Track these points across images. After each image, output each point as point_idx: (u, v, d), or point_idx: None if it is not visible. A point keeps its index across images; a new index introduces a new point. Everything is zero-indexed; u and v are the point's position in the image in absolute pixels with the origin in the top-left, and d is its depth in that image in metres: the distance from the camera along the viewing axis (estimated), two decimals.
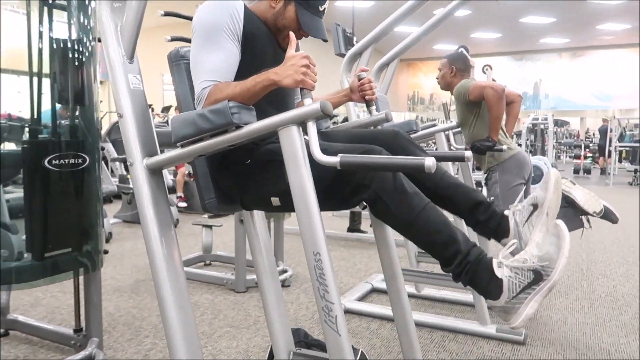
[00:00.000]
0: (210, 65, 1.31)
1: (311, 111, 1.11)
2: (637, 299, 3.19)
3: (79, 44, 2.06)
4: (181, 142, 1.26)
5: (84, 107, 2.10)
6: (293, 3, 1.42)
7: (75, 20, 2.06)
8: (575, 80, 19.63)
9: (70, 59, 2.04)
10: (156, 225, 1.31)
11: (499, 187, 2.68)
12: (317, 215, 1.15)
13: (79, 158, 2.03)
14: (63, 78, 2.03)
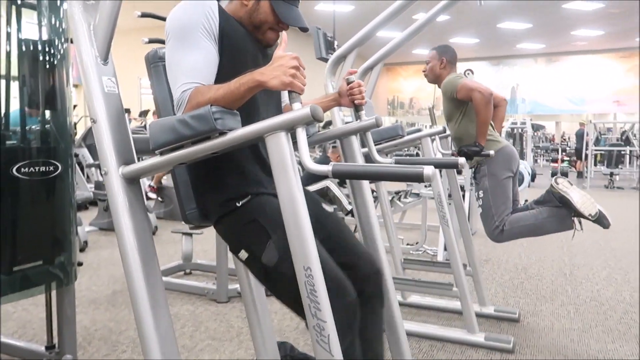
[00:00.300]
0: (188, 66, 1.23)
1: (301, 116, 1.04)
2: (622, 303, 3.19)
3: (49, 45, 1.95)
4: (160, 150, 1.17)
5: (56, 112, 1.99)
6: None
7: (46, 20, 1.95)
8: (550, 85, 19.97)
9: (40, 61, 1.92)
10: (133, 238, 1.22)
11: (488, 181, 2.65)
12: (308, 227, 1.08)
13: (50, 165, 1.91)
14: (33, 81, 1.92)
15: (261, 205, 1.32)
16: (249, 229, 1.30)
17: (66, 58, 2.01)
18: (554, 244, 4.87)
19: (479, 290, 2.97)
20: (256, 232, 1.28)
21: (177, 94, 1.22)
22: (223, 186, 1.35)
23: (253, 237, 1.29)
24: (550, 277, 3.76)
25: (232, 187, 1.35)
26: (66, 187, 2.00)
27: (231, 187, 1.35)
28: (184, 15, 1.27)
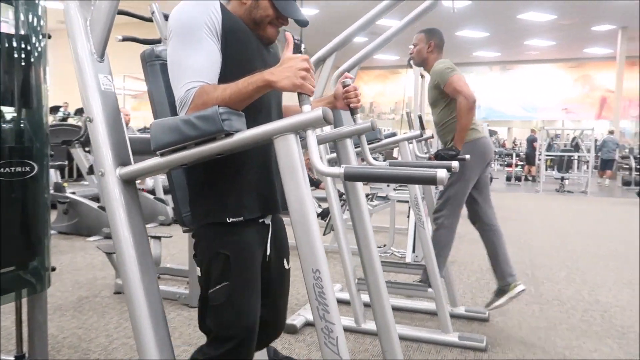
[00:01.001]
0: (192, 66, 1.21)
1: (312, 118, 1.04)
2: (581, 302, 3.35)
3: (26, 42, 1.87)
4: (162, 150, 1.14)
5: (31, 110, 1.90)
6: None
7: (22, 17, 1.86)
8: (504, 92, 20.73)
9: (16, 58, 1.84)
10: (131, 241, 1.19)
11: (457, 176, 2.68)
12: (316, 230, 1.08)
13: (26, 166, 1.83)
14: (8, 78, 1.83)
15: (240, 246, 1.32)
16: (219, 259, 1.30)
17: (43, 55, 1.93)
18: (515, 245, 5.06)
19: (450, 291, 3.04)
20: (221, 267, 1.30)
21: (181, 93, 1.20)
22: (220, 194, 1.32)
23: (216, 269, 1.30)
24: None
25: (230, 198, 1.31)
26: (41, 188, 1.92)
27: (228, 198, 1.31)
28: (187, 14, 1.24)
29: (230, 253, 1.30)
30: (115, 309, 3.02)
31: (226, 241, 1.31)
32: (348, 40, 2.77)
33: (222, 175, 1.30)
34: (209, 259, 1.32)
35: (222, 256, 1.30)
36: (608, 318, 3.03)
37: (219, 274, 1.30)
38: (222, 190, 1.31)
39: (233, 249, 1.30)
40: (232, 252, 1.30)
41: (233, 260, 1.30)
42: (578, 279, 3.90)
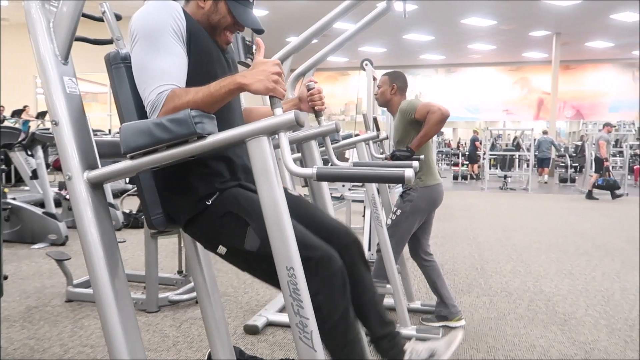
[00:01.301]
0: (161, 69, 1.21)
1: (284, 121, 1.08)
2: (527, 292, 3.55)
3: None
4: (132, 154, 1.14)
5: None
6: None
7: None
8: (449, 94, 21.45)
9: None
10: (100, 246, 1.17)
11: (410, 208, 2.79)
12: (290, 229, 1.12)
13: None
14: None
15: (232, 197, 1.33)
16: (225, 222, 1.30)
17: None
18: (464, 242, 5.28)
19: (407, 287, 3.15)
20: (233, 224, 1.29)
21: (152, 96, 1.20)
22: (190, 188, 1.34)
23: (230, 229, 1.29)
24: (464, 272, 4.08)
25: (199, 188, 1.34)
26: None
27: (198, 188, 1.34)
28: (152, 17, 1.24)
29: (228, 209, 1.31)
30: (69, 317, 2.92)
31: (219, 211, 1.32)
32: (305, 43, 2.82)
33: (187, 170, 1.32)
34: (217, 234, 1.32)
35: (225, 219, 1.30)
36: (551, 306, 3.23)
37: (235, 229, 1.29)
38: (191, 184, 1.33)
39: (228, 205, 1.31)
40: (230, 207, 1.31)
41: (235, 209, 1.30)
42: (523, 271, 4.12)
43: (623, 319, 3.01)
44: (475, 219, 6.87)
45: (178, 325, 2.81)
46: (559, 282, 3.80)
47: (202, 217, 1.33)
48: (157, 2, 1.29)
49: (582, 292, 3.56)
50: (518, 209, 8.02)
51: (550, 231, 6.01)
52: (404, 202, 2.84)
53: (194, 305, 3.12)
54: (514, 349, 2.56)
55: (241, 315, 2.99)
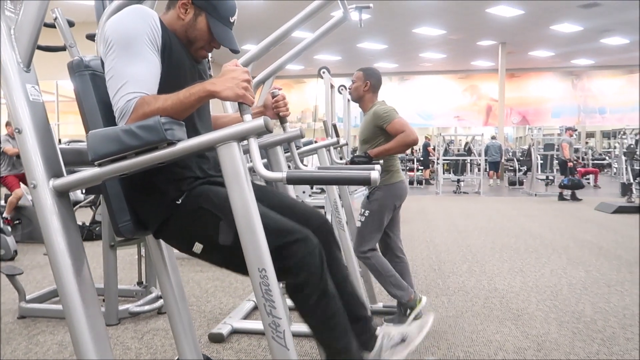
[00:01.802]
0: (133, 76, 1.21)
1: (254, 127, 1.11)
2: (482, 291, 3.70)
3: None
4: (100, 161, 1.14)
5: None
6: (204, 14, 1.39)
7: None
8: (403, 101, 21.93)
9: None
10: (67, 254, 1.16)
11: (377, 206, 2.88)
12: (261, 231, 1.14)
13: None
14: None
15: (201, 193, 1.34)
16: (196, 219, 1.31)
17: None
18: (422, 244, 5.43)
19: (369, 289, 3.22)
20: (204, 219, 1.30)
21: (121, 103, 1.20)
22: (159, 192, 1.34)
23: (203, 225, 1.30)
24: (423, 273, 4.20)
25: (169, 190, 1.34)
26: None
27: (168, 191, 1.34)
28: (128, 25, 1.25)
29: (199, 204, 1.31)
30: (22, 334, 2.80)
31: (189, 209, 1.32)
32: (264, 51, 2.85)
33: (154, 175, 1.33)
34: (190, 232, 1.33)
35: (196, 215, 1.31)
36: (505, 303, 3.38)
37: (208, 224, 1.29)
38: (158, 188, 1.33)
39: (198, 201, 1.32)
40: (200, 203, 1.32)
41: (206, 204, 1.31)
42: (478, 270, 4.28)
43: (570, 312, 3.19)
44: (431, 221, 7.07)
45: (140, 337, 2.76)
46: (512, 280, 3.97)
47: (174, 219, 1.34)
48: (133, 8, 1.29)
49: (533, 288, 3.74)
50: (471, 212, 8.31)
51: (502, 231, 6.27)
52: (370, 202, 2.92)
53: (155, 317, 3.07)
54: (472, 345, 2.67)
55: (205, 324, 2.97)
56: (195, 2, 1.37)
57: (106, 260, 2.97)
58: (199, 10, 1.38)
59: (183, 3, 1.38)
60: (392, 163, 2.95)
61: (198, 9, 1.38)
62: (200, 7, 1.38)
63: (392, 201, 2.92)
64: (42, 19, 1.19)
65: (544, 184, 12.27)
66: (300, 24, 2.75)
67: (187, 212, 1.33)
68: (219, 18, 1.40)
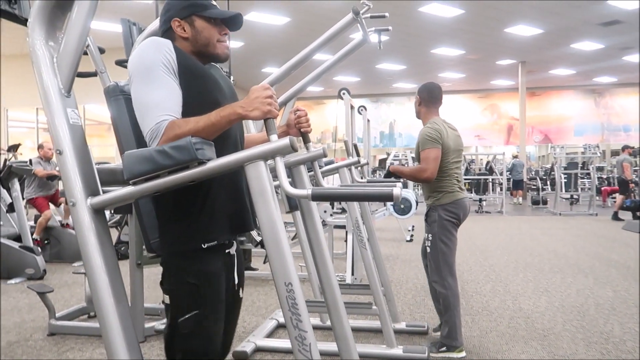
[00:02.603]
0: (157, 101, 1.28)
1: (280, 147, 1.16)
2: (507, 311, 3.65)
3: None
4: (135, 180, 1.20)
5: None
6: (195, 17, 1.45)
7: None
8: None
9: None
10: (104, 270, 1.22)
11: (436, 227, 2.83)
12: (287, 246, 1.18)
13: None
14: None
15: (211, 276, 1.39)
16: (187, 288, 1.36)
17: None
18: None
19: (392, 308, 3.21)
20: (192, 296, 1.36)
21: (152, 125, 1.27)
22: (190, 220, 1.37)
23: (186, 298, 1.37)
24: None
25: (200, 224, 1.38)
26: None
27: (199, 224, 1.38)
28: (144, 55, 1.33)
29: (199, 282, 1.36)
30: (52, 350, 2.87)
31: (194, 270, 1.37)
32: (286, 74, 2.94)
33: (191, 201, 1.37)
34: (177, 288, 1.38)
35: (191, 285, 1.36)
36: (531, 323, 3.33)
37: (188, 303, 1.36)
38: (191, 217, 1.37)
39: (202, 279, 1.36)
40: (201, 282, 1.36)
41: (202, 289, 1.36)
42: (502, 290, 4.23)
43: (599, 332, 3.12)
44: None
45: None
46: (537, 300, 3.91)
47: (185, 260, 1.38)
48: (148, 41, 1.37)
49: (559, 308, 3.67)
50: (494, 231, 8.21)
51: (526, 251, 6.18)
52: (429, 225, 2.88)
53: None
54: None
55: None
56: (180, 16, 1.45)
57: (133, 278, 3.04)
58: (189, 19, 1.45)
59: (176, 26, 1.45)
60: (442, 184, 2.86)
61: (188, 18, 1.45)
62: (189, 15, 1.45)
63: (450, 219, 2.84)
64: (82, 48, 1.28)
65: (569, 203, 12.07)
66: (320, 47, 2.83)
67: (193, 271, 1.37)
68: (206, 9, 1.46)
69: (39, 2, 1.25)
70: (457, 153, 2.94)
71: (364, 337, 3.08)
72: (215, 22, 1.46)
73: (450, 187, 2.87)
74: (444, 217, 2.82)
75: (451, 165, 2.88)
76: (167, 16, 1.46)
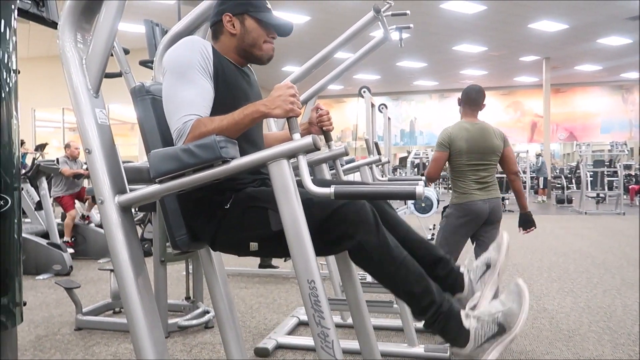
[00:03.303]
0: (187, 100, 1.32)
1: (303, 145, 1.17)
2: (531, 310, 3.60)
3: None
4: (161, 178, 1.23)
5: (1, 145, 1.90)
6: (247, 16, 1.48)
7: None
8: (443, 119, 21.73)
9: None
10: (131, 266, 1.25)
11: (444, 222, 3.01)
12: (310, 244, 1.19)
13: (0, 200, 1.83)
14: None
15: (246, 196, 1.40)
16: (245, 219, 1.37)
17: (13, 91, 1.95)
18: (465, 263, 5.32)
19: None
20: (253, 217, 1.36)
21: (179, 124, 1.29)
22: (208, 204, 1.42)
23: (253, 223, 1.36)
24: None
25: (216, 200, 1.41)
26: (13, 222, 1.91)
27: (215, 201, 1.41)
28: (181, 53, 1.36)
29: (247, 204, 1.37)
30: (79, 345, 2.94)
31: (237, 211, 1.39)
32: (307, 73, 2.96)
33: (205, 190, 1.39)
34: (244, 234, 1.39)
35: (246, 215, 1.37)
36: (555, 324, 3.28)
37: (258, 219, 1.35)
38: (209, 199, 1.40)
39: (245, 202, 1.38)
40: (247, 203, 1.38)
41: (252, 202, 1.37)
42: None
43: (626, 334, 3.06)
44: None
45: (189, 350, 2.84)
46: (562, 300, 3.85)
47: (225, 226, 1.40)
48: (187, 39, 1.40)
49: (585, 309, 3.61)
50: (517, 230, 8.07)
51: (550, 250, 6.07)
52: (443, 217, 3.04)
53: (202, 331, 3.16)
54: None
55: (250, 338, 3.03)
56: (233, 12, 1.47)
57: (156, 275, 3.09)
58: (241, 17, 1.48)
59: (226, 21, 1.47)
60: (457, 184, 3.01)
61: (240, 15, 1.48)
62: (241, 13, 1.47)
63: (461, 220, 2.94)
64: (109, 49, 1.31)
65: (595, 201, 11.81)
66: (342, 45, 2.84)
67: (237, 214, 1.38)
68: (259, 10, 1.49)
69: (69, 4, 1.28)
70: (476, 155, 2.99)
71: (385, 336, 3.08)
72: (266, 25, 1.49)
73: (463, 188, 2.98)
74: (454, 216, 2.95)
75: (465, 167, 2.97)
76: (220, 9, 1.49)
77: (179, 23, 1.90)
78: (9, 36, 1.94)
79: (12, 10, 1.98)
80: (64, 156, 6.12)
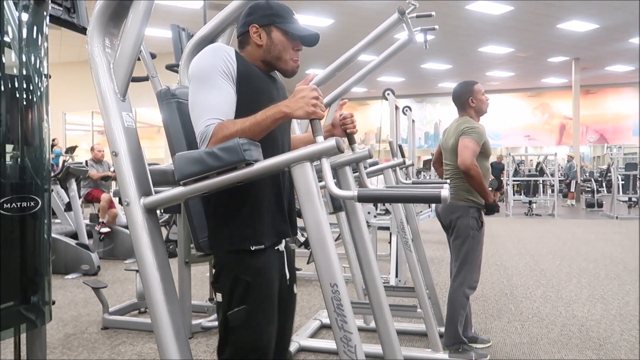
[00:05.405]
0: (209, 105, 1.32)
1: (326, 148, 1.16)
2: (559, 317, 3.51)
3: (28, 82, 1.94)
4: (185, 180, 1.24)
5: (32, 148, 1.96)
6: (274, 27, 1.47)
7: (25, 58, 1.94)
8: None
9: (19, 98, 1.91)
10: (156, 267, 1.26)
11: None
12: (332, 247, 1.19)
13: (30, 201, 1.87)
14: (11, 117, 1.89)
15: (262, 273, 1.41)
16: (239, 284, 1.38)
17: (44, 94, 2.00)
18: (491, 267, 5.23)
19: (437, 312, 3.15)
20: (242, 292, 1.38)
21: (201, 128, 1.31)
22: (240, 222, 1.40)
23: (237, 293, 1.38)
24: (494, 298, 4.05)
25: (249, 227, 1.40)
26: (43, 223, 1.96)
27: (248, 227, 1.40)
28: (205, 60, 1.37)
29: (251, 279, 1.38)
30: (105, 344, 3.00)
31: (247, 267, 1.39)
32: (331, 75, 2.95)
33: (240, 203, 1.39)
34: (230, 284, 1.39)
35: (243, 282, 1.38)
36: (585, 331, 3.19)
37: (239, 298, 1.38)
38: (241, 219, 1.39)
39: (253, 275, 1.38)
40: (252, 278, 1.38)
41: (252, 285, 1.38)
42: (554, 296, 4.07)
43: None
44: (501, 245, 6.80)
45: (212, 351, 2.86)
46: (592, 307, 3.74)
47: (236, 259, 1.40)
48: (210, 47, 1.42)
49: (616, 316, 3.50)
50: (545, 235, 7.91)
51: (579, 256, 5.92)
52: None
53: None
54: None
55: None
56: (260, 23, 1.47)
57: (181, 276, 3.13)
58: (267, 27, 1.47)
59: (253, 32, 1.47)
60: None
61: (266, 27, 1.47)
62: (268, 24, 1.47)
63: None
64: (136, 54, 1.33)
65: (627, 205, 11.47)
66: (366, 47, 2.82)
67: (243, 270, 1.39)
68: (286, 22, 1.48)
69: (98, 9, 1.31)
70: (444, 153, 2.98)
71: (408, 341, 3.05)
72: (292, 36, 1.48)
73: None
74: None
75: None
76: (247, 20, 1.49)
77: (204, 27, 1.92)
78: (41, 42, 2.01)
79: (45, 17, 2.04)
80: (91, 159, 6.28)
